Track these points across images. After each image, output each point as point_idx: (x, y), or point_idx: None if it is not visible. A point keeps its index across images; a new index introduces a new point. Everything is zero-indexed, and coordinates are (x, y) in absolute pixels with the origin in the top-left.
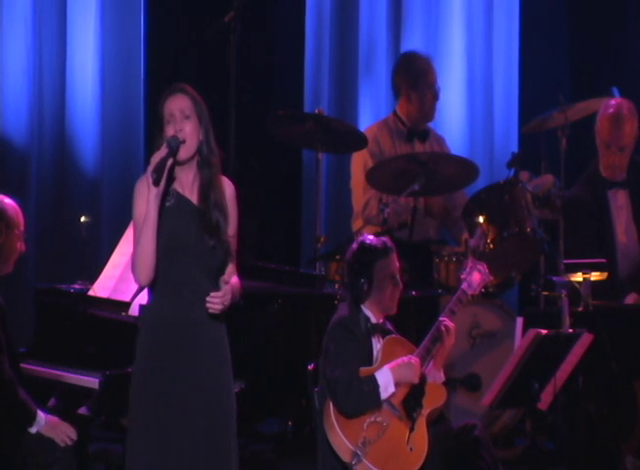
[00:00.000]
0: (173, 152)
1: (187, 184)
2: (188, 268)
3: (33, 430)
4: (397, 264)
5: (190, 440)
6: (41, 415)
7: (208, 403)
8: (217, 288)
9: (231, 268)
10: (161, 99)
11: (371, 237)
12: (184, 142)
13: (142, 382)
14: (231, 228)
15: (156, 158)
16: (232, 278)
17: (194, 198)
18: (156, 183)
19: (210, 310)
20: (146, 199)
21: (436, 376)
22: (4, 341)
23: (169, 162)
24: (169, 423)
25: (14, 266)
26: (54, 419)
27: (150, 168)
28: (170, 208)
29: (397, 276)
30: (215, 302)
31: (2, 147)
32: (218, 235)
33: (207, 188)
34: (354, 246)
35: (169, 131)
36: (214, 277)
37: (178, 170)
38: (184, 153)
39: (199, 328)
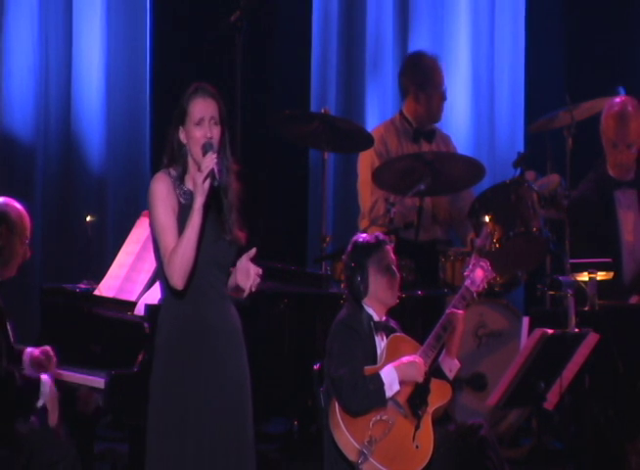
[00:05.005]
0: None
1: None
2: (207, 265)
3: (40, 402)
4: (392, 256)
5: (221, 438)
6: (45, 382)
7: (233, 402)
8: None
9: None
10: (187, 97)
11: (364, 235)
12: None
13: (169, 381)
14: (240, 226)
15: (209, 164)
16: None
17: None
18: (216, 188)
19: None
20: (166, 199)
21: (452, 364)
22: (3, 342)
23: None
24: (198, 422)
25: (17, 271)
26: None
27: (205, 175)
28: (186, 206)
29: (393, 267)
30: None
31: (8, 146)
32: (233, 231)
33: (225, 190)
34: (349, 247)
35: (198, 134)
36: (227, 273)
37: (193, 171)
38: None
39: (221, 325)
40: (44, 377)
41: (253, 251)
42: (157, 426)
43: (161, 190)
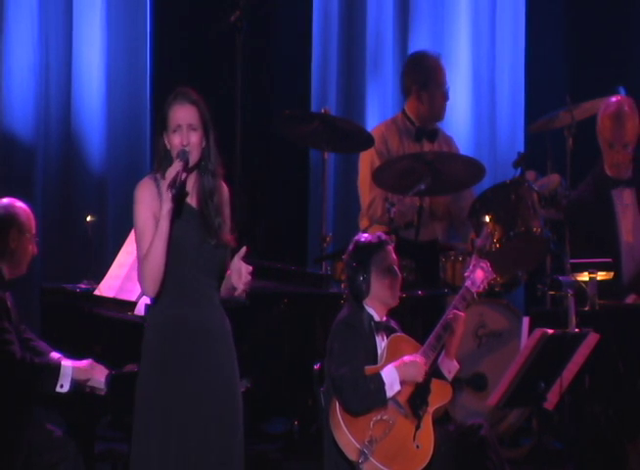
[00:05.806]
0: (186, 165)
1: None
2: (191, 269)
3: (65, 388)
4: (394, 256)
5: (203, 439)
6: (66, 365)
7: (222, 404)
8: (219, 287)
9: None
10: (168, 103)
11: (366, 235)
12: (190, 153)
13: (152, 383)
14: (229, 229)
15: (172, 172)
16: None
17: (193, 202)
18: (175, 197)
19: (241, 289)
20: (148, 205)
21: (450, 365)
22: (12, 328)
23: (184, 175)
24: (183, 424)
25: (27, 269)
26: (85, 362)
27: (167, 183)
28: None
29: (395, 268)
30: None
31: (8, 145)
32: (219, 236)
33: (210, 194)
34: (350, 247)
35: (175, 141)
36: (216, 277)
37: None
38: (189, 162)
39: (206, 328)
40: (65, 362)
41: (244, 250)
42: (141, 426)
43: (144, 196)
